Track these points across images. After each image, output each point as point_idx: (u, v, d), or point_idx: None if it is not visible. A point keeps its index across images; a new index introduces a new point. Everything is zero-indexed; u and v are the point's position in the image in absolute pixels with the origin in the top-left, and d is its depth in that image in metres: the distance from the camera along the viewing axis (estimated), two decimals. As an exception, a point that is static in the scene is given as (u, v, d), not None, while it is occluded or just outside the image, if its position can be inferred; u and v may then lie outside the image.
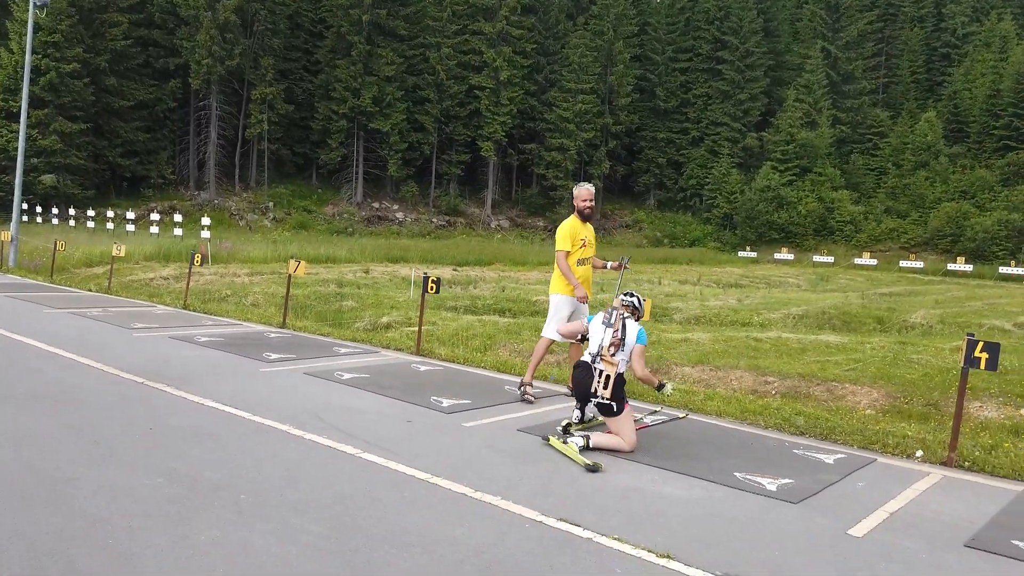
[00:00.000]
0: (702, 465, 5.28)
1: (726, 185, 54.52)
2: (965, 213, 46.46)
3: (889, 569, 3.71)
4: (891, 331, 16.01)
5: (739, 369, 10.28)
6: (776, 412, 7.14)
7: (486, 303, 16.94)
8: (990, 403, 8.44)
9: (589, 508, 4.39)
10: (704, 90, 58.18)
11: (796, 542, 4.02)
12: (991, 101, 52.66)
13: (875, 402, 8.78)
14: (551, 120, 52.41)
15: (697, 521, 4.27)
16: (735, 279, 29.98)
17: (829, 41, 58.32)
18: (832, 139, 54.60)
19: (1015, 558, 3.90)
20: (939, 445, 5.99)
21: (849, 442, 6.23)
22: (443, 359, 9.28)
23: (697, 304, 18.91)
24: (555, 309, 7.23)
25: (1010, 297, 26.10)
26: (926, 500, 4.81)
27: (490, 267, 28.83)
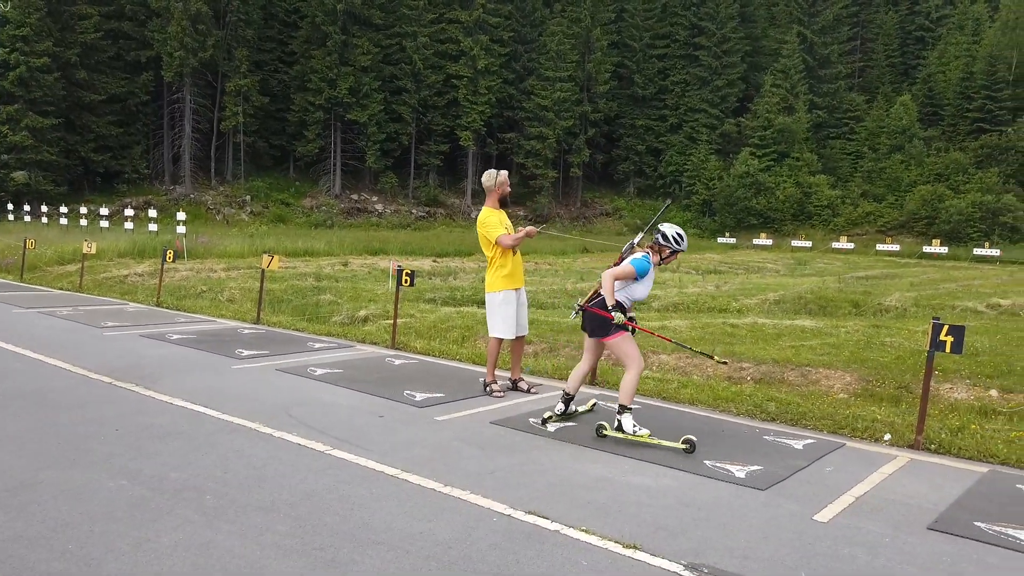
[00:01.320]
0: (673, 454, 5.30)
1: (705, 171, 54.71)
2: (940, 196, 46.95)
3: (852, 553, 3.75)
4: (866, 315, 16.17)
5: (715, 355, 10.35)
6: (748, 399, 7.18)
7: (465, 294, 16.90)
8: (960, 385, 8.54)
9: (558, 499, 4.39)
10: (682, 76, 58.24)
11: (762, 528, 4.05)
12: (964, 84, 53.19)
13: (848, 386, 8.87)
14: (530, 109, 52.26)
15: (666, 510, 4.29)
16: (714, 265, 30.15)
17: (805, 26, 58.52)
18: (809, 124, 54.90)
19: (977, 539, 3.95)
20: (907, 428, 6.06)
21: (819, 427, 6.29)
22: (419, 352, 9.25)
23: (676, 291, 18.98)
24: (495, 307, 7.09)
25: (984, 278, 26.46)
26: (892, 483, 4.87)
27: (470, 258, 28.74)
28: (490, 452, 5.29)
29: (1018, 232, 44.19)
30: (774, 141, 53.60)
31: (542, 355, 10.54)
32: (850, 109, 58.12)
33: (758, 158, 52.84)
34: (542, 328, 12.13)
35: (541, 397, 7.10)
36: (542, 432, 5.81)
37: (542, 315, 13.97)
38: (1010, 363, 9.25)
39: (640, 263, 5.60)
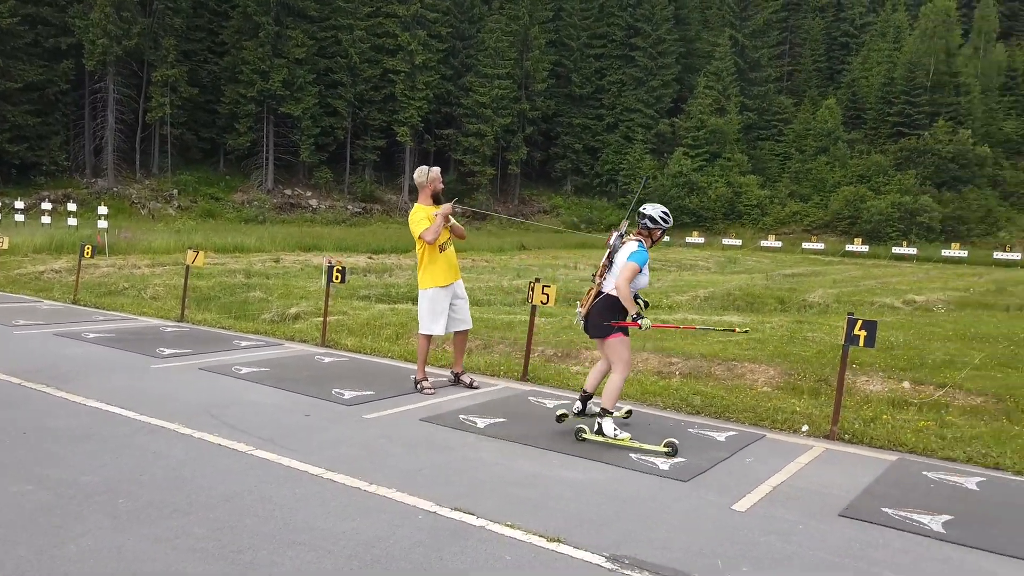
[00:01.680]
0: (601, 448, 5.37)
1: (640, 171, 55.61)
2: (862, 196, 48.92)
3: (767, 541, 3.87)
4: (791, 311, 16.70)
5: (645, 351, 10.52)
6: (675, 392, 7.33)
7: (401, 291, 16.75)
8: (876, 377, 8.90)
9: (486, 495, 4.39)
10: (618, 76, 59.04)
11: (683, 519, 4.14)
12: (886, 89, 55.50)
13: (771, 379, 9.14)
14: (468, 105, 52.12)
15: (592, 503, 4.34)
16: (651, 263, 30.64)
17: (737, 29, 60.06)
18: (740, 125, 56.41)
19: (883, 524, 4.12)
20: (824, 419, 6.28)
21: (741, 419, 6.47)
22: (350, 350, 9.12)
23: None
24: (428, 303, 7.02)
25: (901, 276, 27.70)
26: (808, 473, 5.04)
27: (407, 254, 28.51)
28: (418, 450, 5.26)
29: (933, 232, 46.39)
30: (707, 142, 54.89)
31: (476, 352, 10.53)
32: (779, 111, 59.95)
33: (691, 158, 54.04)
34: (477, 325, 12.09)
35: (474, 393, 7.09)
36: (472, 429, 5.80)
37: (477, 312, 13.93)
38: (922, 356, 9.69)
39: (640, 255, 5.53)
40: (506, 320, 11.95)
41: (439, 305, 7.01)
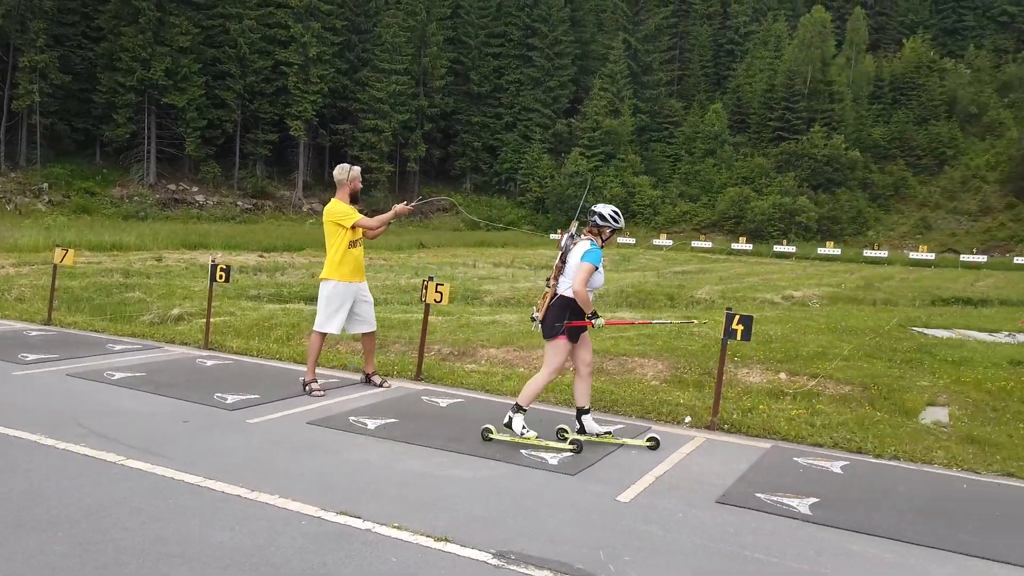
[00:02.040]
0: (491, 445, 5.38)
1: (538, 170, 56.38)
2: (746, 197, 51.43)
3: (649, 530, 3.99)
4: (680, 306, 17.36)
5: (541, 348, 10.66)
6: (568, 388, 7.44)
7: (293, 291, 16.29)
8: (755, 369, 9.36)
9: (372, 498, 4.32)
10: (516, 76, 59.58)
11: (570, 512, 4.21)
12: (767, 95, 58.54)
13: (659, 373, 9.45)
14: (365, 100, 51.25)
15: (480, 501, 4.34)
16: (547, 261, 31.06)
17: (630, 33, 61.80)
18: (634, 127, 58.10)
19: (756, 509, 4.34)
20: (706, 411, 6.55)
21: (629, 412, 6.65)
22: (235, 352, 8.76)
23: (508, 286, 19.38)
24: (326, 299, 6.89)
25: (781, 273, 29.28)
26: (689, 463, 5.24)
27: (301, 253, 27.75)
28: (304, 453, 5.11)
29: (810, 231, 49.31)
30: (602, 142, 56.23)
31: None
32: (670, 114, 62.14)
33: (587, 158, 55.20)
34: (371, 324, 11.94)
35: (365, 394, 6.97)
36: (362, 430, 5.69)
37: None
38: (797, 349, 10.26)
39: (593, 254, 5.48)
40: (402, 319, 11.82)
41: (336, 303, 6.87)
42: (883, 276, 28.40)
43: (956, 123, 57.38)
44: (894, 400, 7.76)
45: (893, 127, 57.72)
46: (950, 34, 69.48)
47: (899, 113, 58.45)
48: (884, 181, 54.48)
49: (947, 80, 59.73)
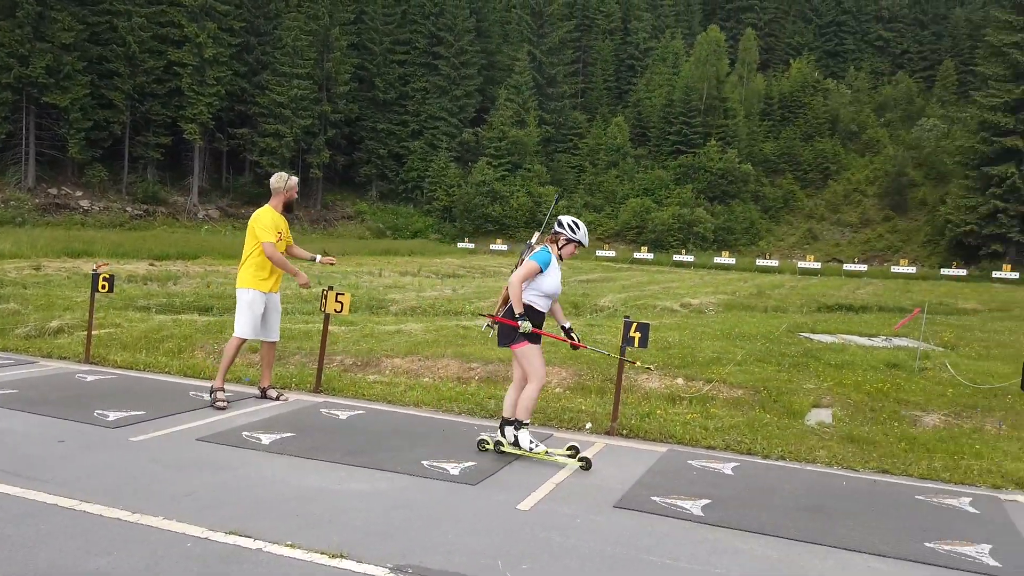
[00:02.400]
0: (391, 457, 5.29)
1: (445, 178, 56.29)
2: (647, 208, 53.04)
3: (548, 536, 4.01)
4: (584, 314, 17.66)
5: (446, 357, 10.59)
6: (471, 397, 7.43)
7: (186, 300, 15.56)
8: (655, 375, 9.63)
9: (265, 516, 4.15)
10: (422, 84, 59.35)
11: (471, 522, 4.18)
12: (666, 110, 60.63)
13: (564, 380, 9.57)
14: (264, 104, 49.76)
15: (378, 514, 4.25)
16: (453, 269, 31.02)
17: (535, 45, 62.71)
18: (539, 138, 58.91)
19: (652, 512, 4.44)
20: (606, 416, 6.67)
21: (532, 420, 6.68)
22: (119, 366, 8.29)
23: (414, 295, 19.19)
24: (246, 306, 6.77)
25: (680, 281, 30.29)
26: (586, 471, 5.30)
27: (195, 261, 26.61)
28: (191, 472, 4.87)
29: (707, 241, 51.32)
30: (508, 152, 56.72)
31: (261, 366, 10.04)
32: (574, 126, 63.39)
33: (494, 168, 55.55)
34: (270, 335, 11.56)
35: (260, 408, 6.72)
36: (256, 446, 5.48)
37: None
38: (694, 354, 10.62)
39: (540, 255, 5.42)
40: (303, 330, 11.52)
41: (256, 308, 6.74)
42: (774, 284, 29.83)
43: (838, 140, 61.13)
44: (782, 403, 8.14)
45: (782, 143, 60.90)
46: (832, 56, 74.06)
47: (787, 130, 61.74)
48: (774, 194, 57.36)
49: (830, 99, 63.58)
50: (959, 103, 59.41)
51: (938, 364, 10.35)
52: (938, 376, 9.62)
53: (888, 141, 59.81)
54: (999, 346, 13.28)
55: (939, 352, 12.00)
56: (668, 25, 72.87)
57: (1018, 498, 5.14)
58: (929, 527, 4.41)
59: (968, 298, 25.79)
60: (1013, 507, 4.92)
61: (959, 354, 11.98)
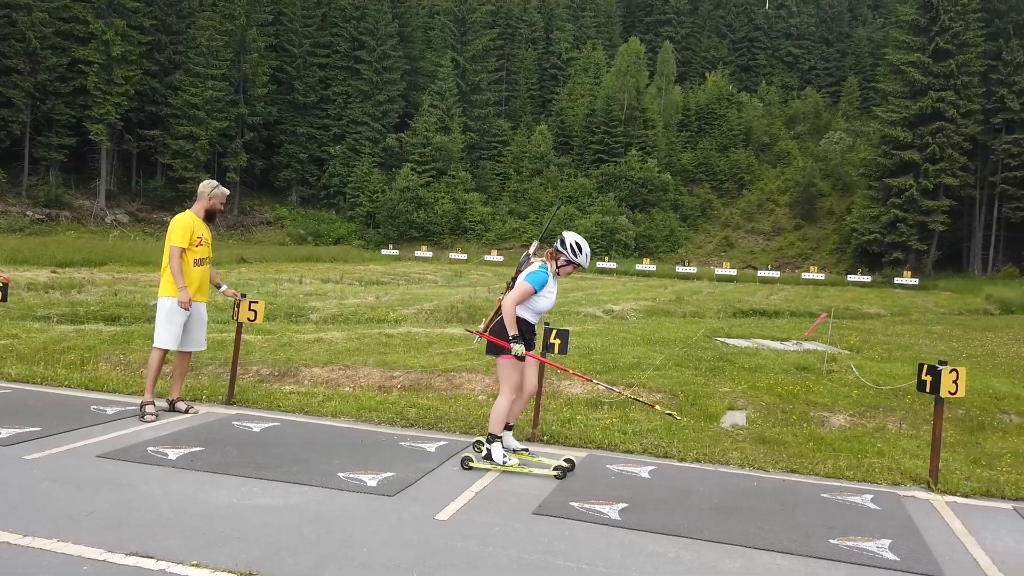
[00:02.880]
0: (305, 469, 5.15)
1: (368, 184, 55.56)
2: (571, 215, 53.70)
3: (466, 546, 3.97)
4: (508, 321, 17.73)
5: (368, 366, 10.41)
6: (392, 406, 7.32)
7: (91, 310, 14.84)
8: (577, 381, 9.72)
9: (170, 535, 3.96)
10: (344, 88, 58.47)
11: (386, 534, 4.10)
12: (588, 119, 61.63)
13: (487, 388, 9.55)
14: (177, 105, 47.98)
15: (290, 529, 4.12)
16: (377, 276, 30.63)
17: (458, 52, 62.71)
18: (464, 144, 58.88)
19: (570, 518, 4.46)
20: (527, 423, 6.68)
21: (453, 428, 6.64)
22: (14, 380, 7.79)
23: (336, 303, 18.86)
24: (166, 314, 6.50)
25: (603, 288, 30.80)
26: (508, 476, 5.29)
27: (102, 268, 25.37)
28: (91, 490, 4.60)
29: (629, 248, 52.37)
30: (433, 159, 56.46)
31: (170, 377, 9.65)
32: (498, 134, 63.65)
33: (418, 174, 55.19)
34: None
35: (167, 422, 6.43)
36: (162, 461, 5.24)
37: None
38: (615, 360, 10.79)
39: (537, 276, 5.30)
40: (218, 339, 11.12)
41: (177, 318, 6.46)
42: (693, 290, 30.67)
43: (752, 152, 63.49)
44: (699, 406, 8.35)
45: (699, 153, 62.79)
46: (746, 71, 76.92)
47: (704, 141, 63.70)
48: (693, 203, 59.06)
49: (744, 112, 65.98)
50: (862, 118, 62.60)
51: (844, 367, 10.83)
52: (844, 378, 10.07)
53: (798, 153, 62.48)
54: (900, 348, 14.02)
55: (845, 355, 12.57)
56: (589, 36, 74.17)
57: (916, 494, 5.41)
58: (834, 524, 4.59)
59: (872, 303, 27.19)
60: (911, 502, 5.18)
61: (863, 356, 12.58)
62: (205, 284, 6.76)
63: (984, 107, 46.21)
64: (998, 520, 4.90)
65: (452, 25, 63.80)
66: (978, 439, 7.79)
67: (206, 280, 6.76)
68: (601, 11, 78.26)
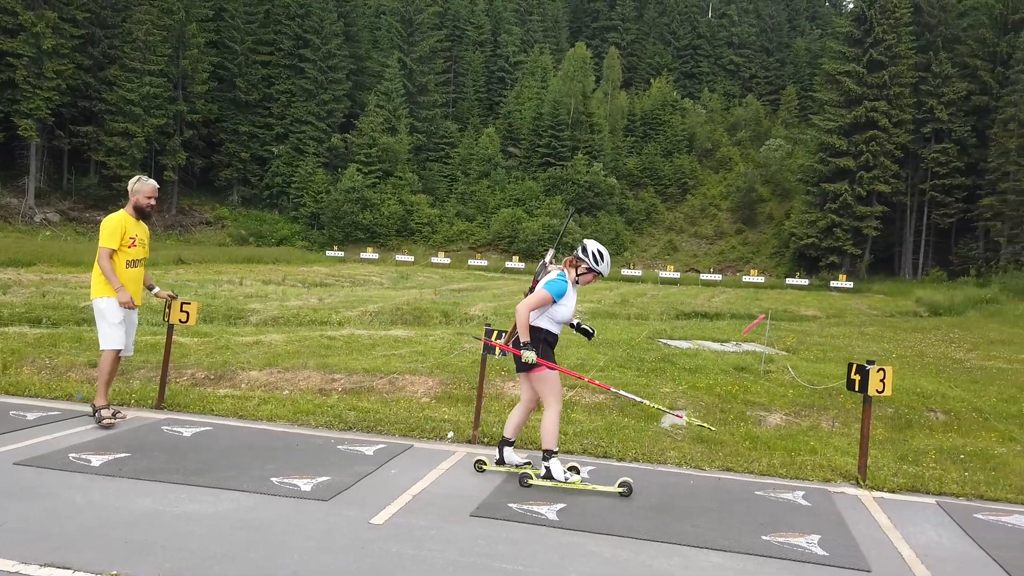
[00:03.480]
0: (237, 475, 5.00)
1: (312, 184, 54.67)
2: (519, 218, 53.84)
3: (401, 550, 3.91)
4: (454, 323, 17.64)
5: (308, 369, 10.22)
6: (330, 410, 7.19)
7: (16, 312, 14.18)
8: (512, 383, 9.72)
9: (90, 545, 3.79)
10: (287, 86, 57.43)
11: (320, 539, 4.01)
12: (536, 123, 61.90)
13: (431, 390, 9.47)
14: (112, 101, 46.40)
15: (219, 536, 3.99)
16: (321, 278, 30.14)
17: (405, 53, 62.26)
18: (410, 146, 58.46)
19: (508, 519, 4.44)
20: (469, 425, 6.63)
21: (392, 431, 6.55)
22: (-73, 385, 7.39)
23: (277, 304, 18.47)
24: (101, 315, 6.26)
25: (549, 289, 30.88)
26: (447, 478, 5.25)
27: (31, 268, 24.34)
28: (5, 500, 4.37)
29: (573, 250, 52.76)
30: (379, 159, 55.89)
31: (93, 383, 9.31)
32: (446, 136, 63.42)
33: (364, 175, 54.56)
34: (111, 348, 10.74)
35: (92, 427, 6.17)
36: (84, 468, 5.02)
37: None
38: (560, 361, 10.79)
39: (556, 285, 5.15)
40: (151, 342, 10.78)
41: (114, 317, 6.22)
42: (637, 293, 31.06)
43: (695, 157, 64.73)
44: (641, 407, 8.43)
45: (644, 158, 63.70)
46: (689, 78, 78.40)
47: (649, 146, 64.65)
48: (638, 207, 59.86)
49: (687, 118, 67.21)
50: (800, 125, 64.45)
51: (781, 367, 11.09)
52: (781, 378, 10.31)
53: (739, 159, 63.95)
54: (834, 349, 14.45)
55: (782, 356, 12.88)
56: (536, 40, 74.55)
57: (845, 490, 5.55)
58: (766, 521, 4.67)
59: (809, 306, 27.96)
60: (841, 498, 5.31)
61: (800, 357, 12.92)
62: (138, 287, 6.50)
63: (915, 117, 48.05)
64: (922, 514, 5.06)
65: (399, 25, 63.32)
66: (906, 436, 8.06)
67: (139, 283, 6.51)
68: (548, 16, 78.77)
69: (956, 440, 7.84)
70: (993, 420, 8.78)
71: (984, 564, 4.22)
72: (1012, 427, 8.64)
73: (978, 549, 4.42)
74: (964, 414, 9.17)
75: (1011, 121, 43.27)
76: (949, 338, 18.91)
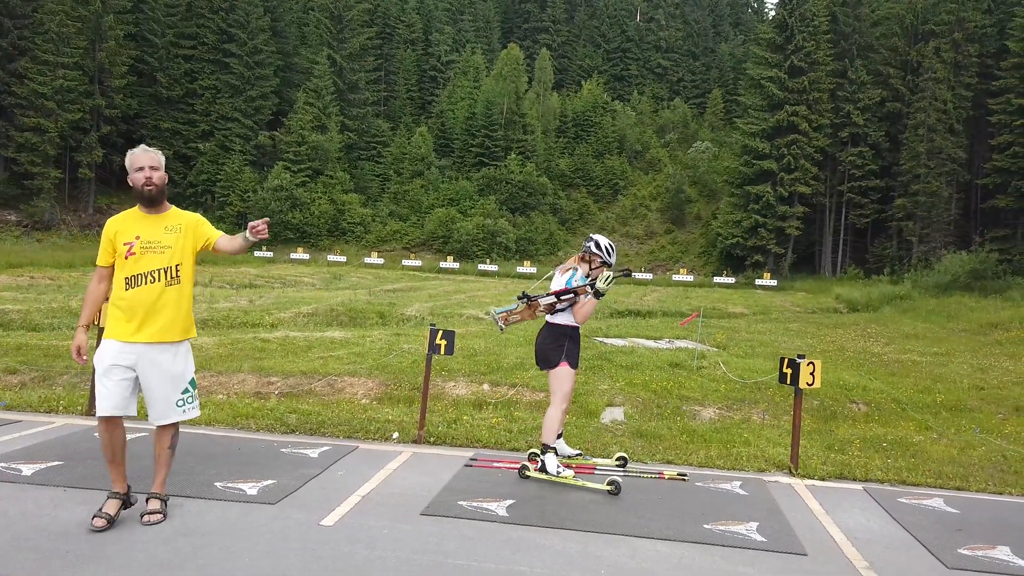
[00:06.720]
0: (179, 480, 4.87)
1: (239, 183, 53.24)
2: (452, 218, 53.70)
3: (352, 551, 3.90)
4: (391, 324, 17.51)
5: (242, 372, 10.00)
6: (270, 413, 7.07)
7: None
8: (461, 382, 9.75)
9: (22, 557, 3.65)
10: (212, 82, 55.75)
11: (268, 543, 3.95)
12: (469, 122, 61.87)
13: (370, 391, 9.41)
14: (23, 95, 44.10)
15: (162, 544, 3.89)
16: (250, 279, 29.43)
17: (335, 50, 61.27)
18: (341, 144, 57.57)
19: (459, 517, 4.47)
20: (413, 425, 6.63)
21: (336, 433, 6.49)
22: None
23: (205, 307, 17.97)
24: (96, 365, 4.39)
25: (485, 290, 31.01)
26: (395, 478, 5.24)
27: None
28: (-72, 514, 4.16)
29: (510, 251, 52.98)
30: (308, 158, 54.84)
31: (31, 385, 8.93)
32: (377, 134, 62.73)
33: (293, 173, 53.44)
34: (34, 354, 10.31)
35: (21, 435, 5.91)
36: (15, 478, 4.81)
37: (36, 339, 11.86)
38: (499, 361, 10.91)
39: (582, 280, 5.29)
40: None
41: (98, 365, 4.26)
42: (570, 292, 31.36)
43: (625, 158, 65.90)
44: (580, 403, 8.59)
45: (576, 159, 64.48)
46: (619, 80, 79.78)
47: (581, 147, 65.47)
48: (571, 207, 60.55)
49: (618, 120, 68.37)
50: (726, 128, 66.38)
51: (712, 363, 11.46)
52: (713, 373, 10.65)
53: (668, 161, 65.43)
54: (762, 345, 15.00)
55: (713, 352, 13.30)
56: (468, 40, 74.53)
57: (779, 479, 5.80)
58: (707, 510, 4.85)
59: (736, 303, 28.89)
60: (775, 487, 5.55)
61: (730, 353, 13.37)
62: (154, 310, 4.21)
63: (832, 121, 50.14)
64: (851, 500, 5.34)
65: (328, 22, 62.25)
66: (831, 427, 8.47)
67: (147, 303, 4.20)
68: (480, 16, 78.87)
69: (878, 430, 8.27)
70: (910, 410, 9.30)
71: (909, 544, 4.49)
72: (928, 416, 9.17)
73: (903, 531, 4.70)
74: (884, 405, 9.69)
75: (920, 127, 45.68)
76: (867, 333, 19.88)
